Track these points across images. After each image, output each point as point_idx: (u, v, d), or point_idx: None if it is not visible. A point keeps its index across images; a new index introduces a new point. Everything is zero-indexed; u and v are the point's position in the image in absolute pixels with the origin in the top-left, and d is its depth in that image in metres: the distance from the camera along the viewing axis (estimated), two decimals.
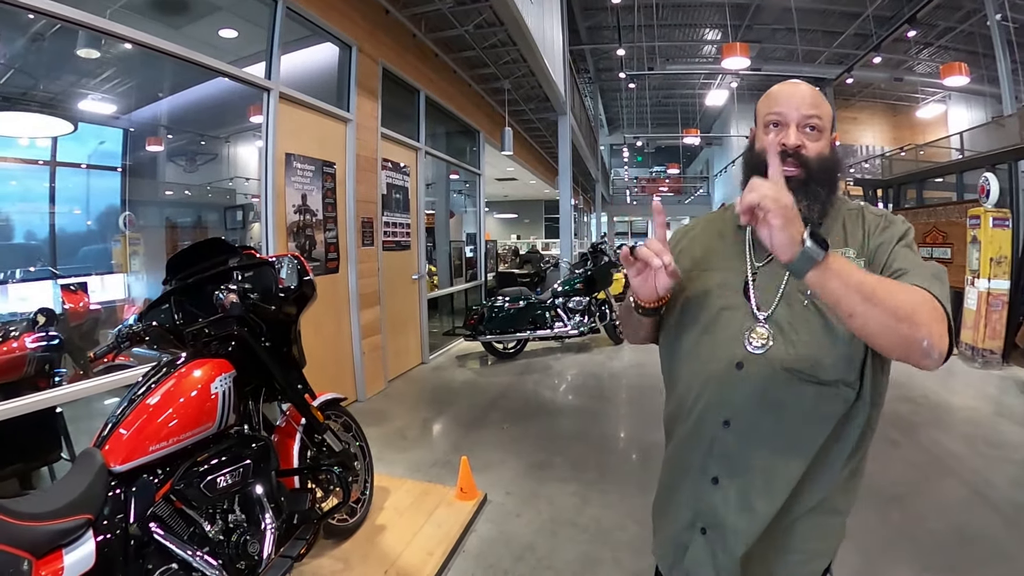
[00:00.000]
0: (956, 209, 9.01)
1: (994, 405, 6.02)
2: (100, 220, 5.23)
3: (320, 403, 3.08)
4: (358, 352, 6.06)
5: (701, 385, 1.39)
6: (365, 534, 3.29)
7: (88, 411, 3.67)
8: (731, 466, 1.34)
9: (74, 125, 4.80)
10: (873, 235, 1.33)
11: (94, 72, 5.05)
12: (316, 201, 5.41)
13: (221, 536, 2.20)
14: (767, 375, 1.29)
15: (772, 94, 1.41)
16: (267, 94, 4.80)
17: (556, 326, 8.48)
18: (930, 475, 4.34)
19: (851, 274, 1.07)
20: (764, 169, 1.29)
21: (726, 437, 1.34)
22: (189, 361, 2.33)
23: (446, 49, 8.37)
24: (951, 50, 18.84)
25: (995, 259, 7.54)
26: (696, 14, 20.11)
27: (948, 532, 3.50)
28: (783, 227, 1.05)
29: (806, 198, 1.31)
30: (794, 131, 1.34)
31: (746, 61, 13.74)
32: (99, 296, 4.64)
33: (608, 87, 29.88)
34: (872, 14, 16.70)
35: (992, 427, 5.35)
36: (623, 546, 3.37)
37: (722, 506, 1.35)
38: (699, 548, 1.39)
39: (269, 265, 2.71)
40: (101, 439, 2.04)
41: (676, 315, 1.47)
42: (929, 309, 1.09)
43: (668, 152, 39.58)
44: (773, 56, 22.00)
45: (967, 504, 3.87)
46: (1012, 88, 14.96)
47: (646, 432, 5.34)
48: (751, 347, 1.31)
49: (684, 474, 1.44)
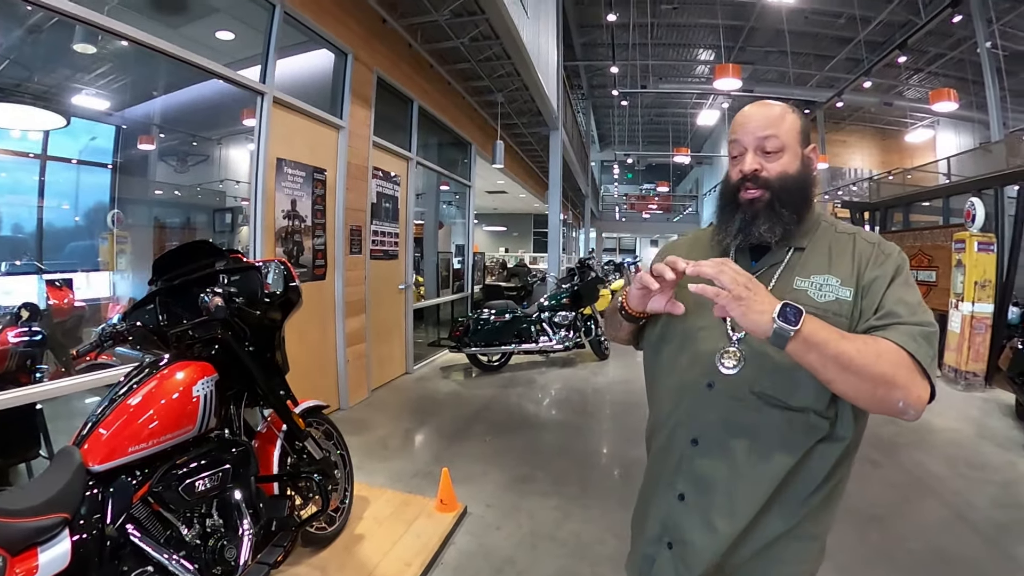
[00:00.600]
0: (942, 233, 9.09)
1: (976, 427, 6.06)
2: (88, 216, 5.21)
3: (302, 410, 3.05)
4: (342, 360, 6.04)
5: (674, 402, 1.41)
6: (343, 543, 3.27)
7: (68, 409, 3.64)
8: (696, 484, 1.36)
9: (67, 120, 4.79)
10: (869, 267, 1.31)
11: (89, 67, 5.05)
12: (306, 207, 5.40)
13: (198, 540, 2.19)
14: (736, 396, 1.31)
15: (734, 121, 1.42)
16: (261, 98, 4.80)
17: (541, 340, 8.48)
18: (911, 496, 4.37)
19: (827, 344, 1.10)
20: (732, 199, 1.37)
21: (693, 455, 1.36)
22: (172, 363, 2.33)
23: (441, 60, 8.41)
24: (941, 76, 19.18)
25: (979, 283, 7.62)
26: (690, 34, 20.37)
27: (928, 553, 3.52)
28: (745, 314, 1.10)
29: (768, 220, 1.34)
30: (751, 156, 1.35)
31: (738, 83, 13.86)
32: (84, 293, 4.62)
33: (601, 103, 30.11)
34: (864, 39, 16.96)
35: (974, 449, 5.39)
36: (603, 561, 3.37)
37: (686, 522, 1.37)
38: (665, 562, 1.41)
39: (256, 270, 2.70)
40: (80, 438, 2.03)
41: (658, 331, 1.50)
42: (907, 371, 1.13)
43: (658, 170, 39.87)
44: (765, 78, 22.28)
45: (948, 525, 3.90)
46: (1000, 115, 15.22)
47: (628, 448, 5.34)
48: (723, 367, 1.31)
49: (655, 488, 1.46)
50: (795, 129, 1.37)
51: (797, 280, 1.33)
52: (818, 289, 1.30)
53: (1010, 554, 3.53)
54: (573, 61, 21.47)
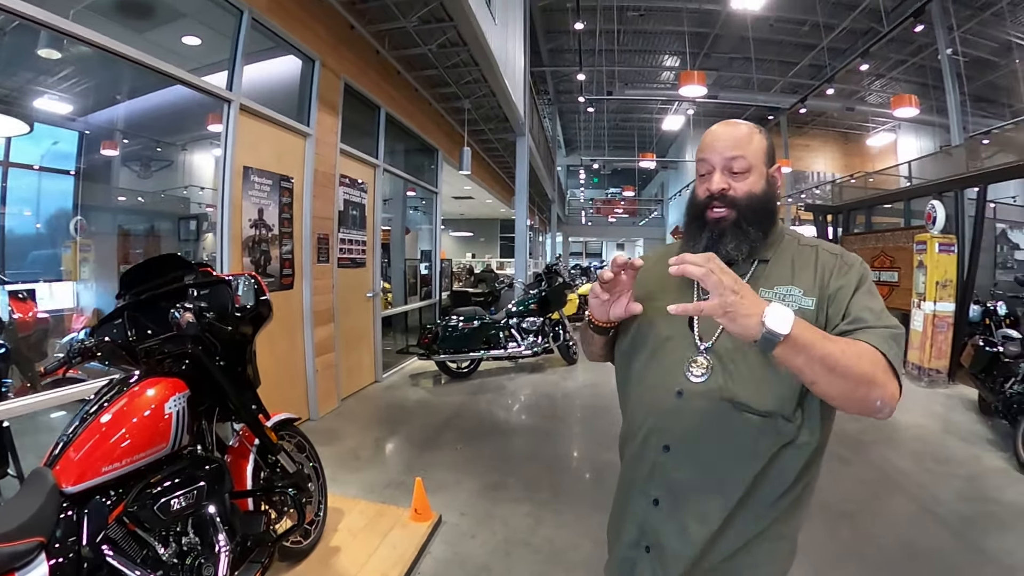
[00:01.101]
0: (904, 235, 9.32)
1: (941, 422, 6.24)
2: (51, 224, 5.10)
3: (274, 423, 3.03)
4: (311, 370, 5.99)
5: (645, 410, 1.44)
6: (319, 556, 3.25)
7: (35, 425, 3.55)
8: (669, 489, 1.39)
9: (30, 126, 4.68)
10: (833, 277, 1.36)
11: (52, 71, 4.94)
12: (273, 216, 5.35)
13: (175, 559, 2.16)
14: (705, 404, 1.34)
15: (702, 141, 1.46)
16: (228, 105, 4.74)
17: (510, 346, 8.49)
18: (879, 492, 4.48)
19: (814, 346, 1.11)
20: (699, 216, 1.42)
21: (666, 462, 1.39)
22: (143, 379, 2.29)
23: (408, 67, 8.39)
24: (902, 82, 19.62)
25: (941, 283, 7.83)
26: (656, 41, 20.54)
27: (897, 547, 3.62)
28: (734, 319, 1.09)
29: (735, 238, 1.38)
30: (718, 176, 1.40)
31: (703, 89, 14.05)
32: (47, 304, 4.52)
33: (567, 109, 30.20)
34: (827, 46, 17.28)
35: (939, 444, 5.55)
36: (577, 566, 3.40)
37: (661, 527, 1.40)
38: (644, 566, 1.44)
39: (226, 284, 2.68)
40: (52, 458, 1.99)
41: (628, 341, 1.54)
42: (883, 371, 1.16)
43: (624, 174, 40.08)
44: (730, 84, 22.56)
45: (915, 519, 4.01)
46: (960, 119, 15.63)
47: (599, 452, 5.40)
48: (691, 376, 1.35)
49: (630, 494, 1.49)
50: (761, 150, 1.42)
51: (761, 291, 1.36)
52: (781, 299, 1.33)
53: (977, 546, 3.64)
54: (540, 67, 21.53)
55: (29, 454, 3.24)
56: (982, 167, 9.79)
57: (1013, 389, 5.45)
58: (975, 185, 8.20)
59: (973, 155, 11.53)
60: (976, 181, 8.20)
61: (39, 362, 3.91)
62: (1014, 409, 5.27)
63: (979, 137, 15.16)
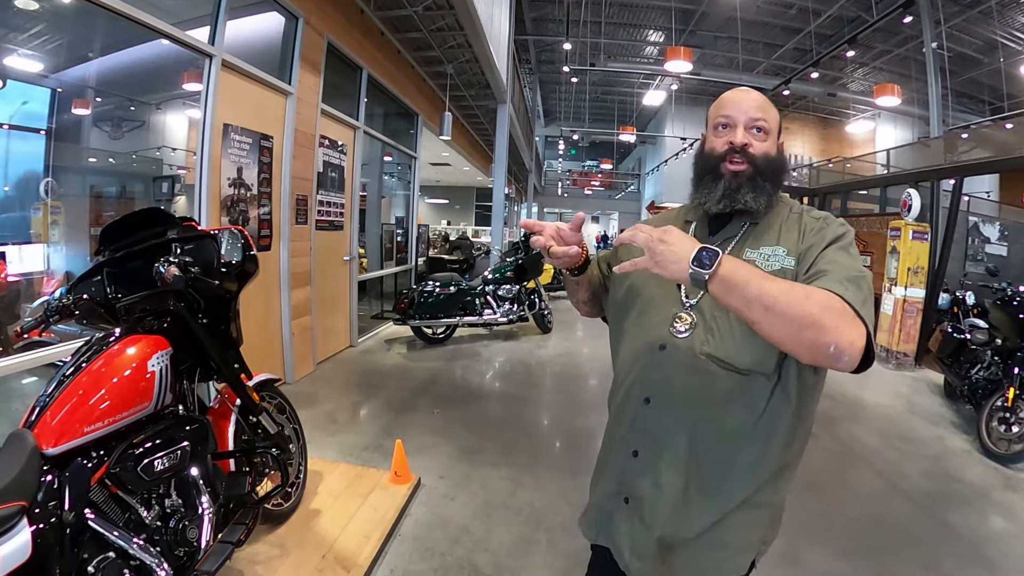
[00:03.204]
0: (878, 220, 9.45)
1: (907, 404, 6.37)
2: (19, 186, 4.93)
3: (255, 383, 2.98)
4: (287, 333, 5.94)
5: (630, 364, 1.48)
6: (300, 519, 3.24)
7: (5, 390, 3.48)
8: (648, 441, 1.42)
9: (3, 81, 4.51)
10: (807, 235, 1.39)
11: (25, 26, 4.76)
12: (252, 175, 5.25)
13: (158, 522, 2.12)
14: (686, 358, 1.36)
15: (722, 99, 1.49)
16: (209, 60, 4.61)
17: (486, 313, 8.49)
18: (846, 465, 4.59)
19: (748, 284, 1.11)
20: (714, 168, 1.44)
21: (646, 413, 1.42)
22: (123, 337, 2.21)
23: (392, 28, 8.24)
24: (885, 71, 19.73)
25: (912, 269, 7.95)
26: (642, 15, 20.42)
27: (865, 519, 3.72)
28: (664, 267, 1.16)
29: (752, 190, 1.41)
30: (741, 131, 1.43)
31: (688, 65, 14.02)
32: (16, 268, 4.40)
33: (548, 79, 30.02)
34: (813, 31, 17.28)
35: (905, 424, 5.68)
36: (557, 528, 3.44)
37: (639, 478, 1.43)
38: (622, 517, 1.47)
39: (211, 238, 2.59)
40: (30, 421, 1.92)
41: (619, 300, 1.58)
42: (838, 314, 1.10)
43: (602, 147, 40.07)
44: (713, 62, 22.53)
45: (883, 494, 4.12)
46: (940, 112, 15.79)
47: (574, 418, 5.47)
48: (675, 332, 1.39)
49: (612, 446, 1.53)
50: (776, 120, 1.48)
51: (747, 251, 1.41)
52: (765, 259, 1.37)
53: (942, 521, 3.76)
54: (523, 35, 21.29)
55: (1, 420, 3.18)
56: (959, 160, 9.94)
57: (979, 375, 5.61)
58: (952, 177, 8.36)
59: (951, 148, 11.72)
60: (953, 173, 8.37)
61: (10, 325, 3.82)
62: (979, 394, 5.44)
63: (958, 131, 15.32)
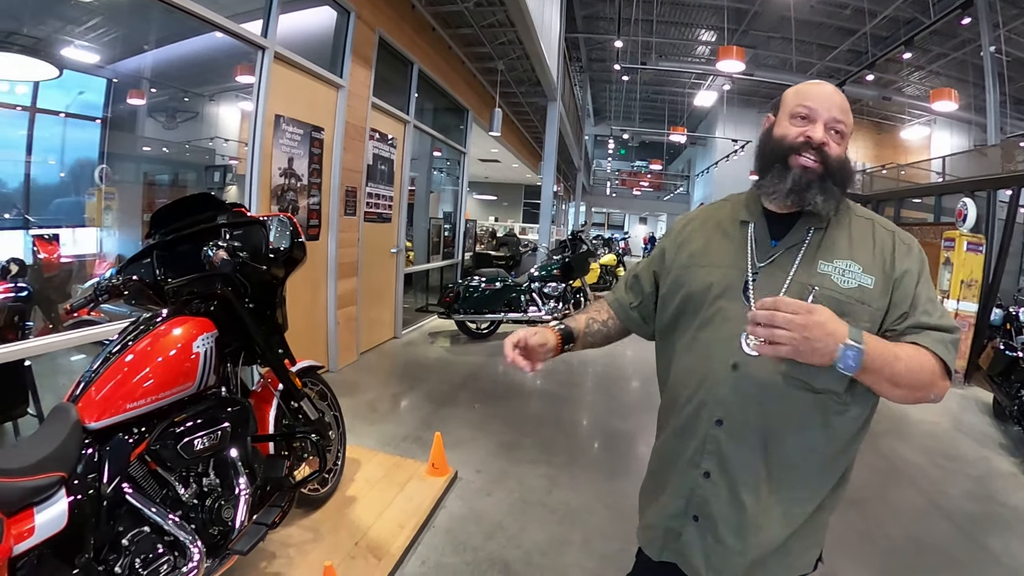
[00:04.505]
0: (932, 230, 9.16)
1: (953, 421, 6.13)
2: (75, 172, 5.07)
3: (298, 369, 3.02)
4: (332, 322, 6.00)
5: (697, 382, 1.40)
6: (335, 504, 3.27)
7: (53, 366, 3.58)
8: (722, 463, 1.37)
9: (60, 70, 4.64)
10: (897, 259, 1.35)
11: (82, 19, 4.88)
12: (302, 166, 5.32)
13: (195, 500, 2.16)
14: (761, 378, 1.32)
15: (805, 89, 1.41)
16: (262, 52, 4.69)
17: (531, 310, 8.46)
18: (889, 482, 4.44)
19: (883, 370, 1.18)
20: (784, 154, 1.36)
21: (718, 435, 1.37)
22: (170, 318, 2.26)
23: (443, 24, 8.27)
24: (941, 75, 19.14)
25: (966, 282, 7.67)
26: (694, 13, 20.14)
27: (905, 538, 3.59)
28: (811, 355, 1.14)
29: (822, 192, 1.34)
30: (822, 128, 1.36)
31: (741, 65, 13.80)
32: (70, 249, 4.53)
33: (598, 77, 29.84)
34: (868, 32, 16.86)
35: (950, 442, 5.45)
36: (592, 529, 3.39)
37: (713, 498, 1.38)
38: (693, 535, 1.43)
39: (260, 224, 2.63)
40: (75, 396, 1.97)
41: (673, 309, 1.50)
42: (940, 375, 1.24)
43: (651, 148, 39.68)
44: (766, 63, 22.13)
45: (924, 513, 3.97)
46: (998, 119, 15.24)
47: (614, 420, 5.42)
48: (747, 348, 1.32)
49: (675, 465, 1.46)
50: (851, 127, 1.41)
51: (821, 264, 1.34)
52: (841, 274, 1.32)
53: (982, 544, 3.60)
54: (574, 33, 21.20)
55: (47, 393, 3.27)
56: (1017, 169, 9.58)
57: None
58: (1009, 187, 8.02)
59: (1008, 156, 11.32)
60: (1010, 183, 8.02)
61: (61, 303, 3.93)
62: None
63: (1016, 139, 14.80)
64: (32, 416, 3.25)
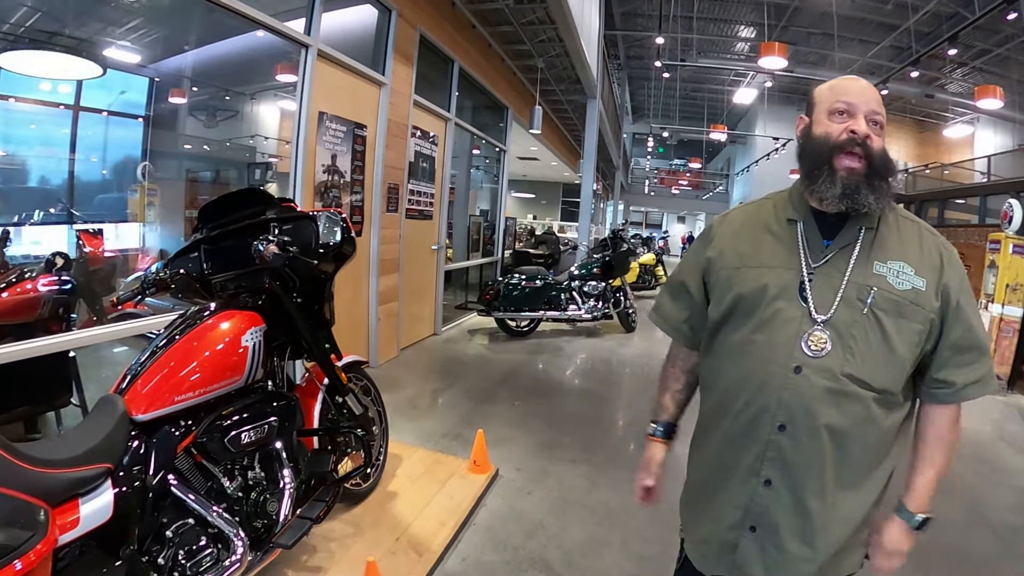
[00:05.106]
0: (976, 232, 8.90)
1: (996, 430, 5.89)
2: (118, 169, 5.16)
3: (343, 364, 3.02)
4: (374, 318, 6.04)
5: (756, 387, 1.35)
6: (377, 500, 3.27)
7: (96, 359, 3.63)
8: (785, 468, 1.33)
9: (103, 69, 4.72)
10: (944, 267, 1.34)
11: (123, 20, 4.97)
12: (345, 163, 5.36)
13: (240, 493, 2.17)
14: (826, 381, 1.28)
15: (840, 85, 1.39)
16: (306, 50, 4.72)
17: (570, 309, 8.40)
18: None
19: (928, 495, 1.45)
20: (828, 155, 1.32)
21: (781, 441, 1.32)
22: (218, 312, 2.27)
23: (483, 21, 8.27)
24: (985, 72, 18.60)
25: (1011, 286, 7.38)
26: (734, 10, 19.89)
27: (944, 548, 3.43)
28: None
29: (872, 191, 1.31)
30: (863, 121, 1.32)
31: (783, 61, 13.57)
32: (112, 245, 4.61)
33: (636, 75, 29.61)
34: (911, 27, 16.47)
35: (993, 451, 5.24)
36: (631, 531, 3.34)
37: (775, 506, 1.35)
38: (749, 545, 1.38)
39: (310, 219, 2.63)
40: (122, 388, 1.98)
41: (723, 311, 1.44)
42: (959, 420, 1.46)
43: (690, 146, 39.30)
44: (806, 60, 21.77)
45: (964, 523, 3.81)
46: None
47: None
48: (808, 351, 1.29)
49: (729, 474, 1.41)
50: (885, 118, 1.38)
51: (876, 264, 1.32)
52: (896, 276, 1.31)
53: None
54: (612, 30, 21.06)
55: (90, 384, 3.32)
56: None
57: None
58: None
59: None
60: None
61: (105, 296, 4.00)
62: None
63: None
64: (75, 406, 3.31)
